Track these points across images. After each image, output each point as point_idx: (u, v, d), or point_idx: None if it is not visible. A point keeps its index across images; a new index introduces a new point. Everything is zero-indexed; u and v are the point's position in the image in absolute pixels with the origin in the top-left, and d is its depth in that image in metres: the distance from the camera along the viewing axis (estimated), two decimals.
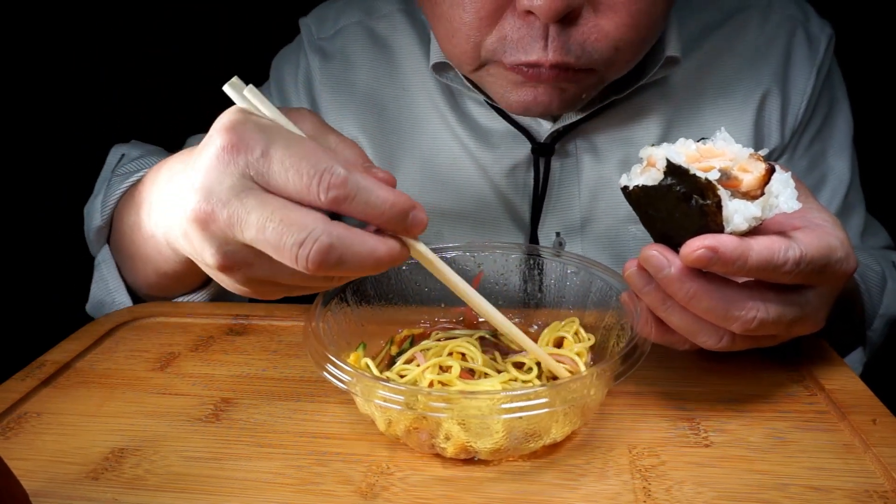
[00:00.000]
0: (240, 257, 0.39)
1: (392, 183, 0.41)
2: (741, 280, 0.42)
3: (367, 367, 0.50)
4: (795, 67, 0.74)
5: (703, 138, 0.42)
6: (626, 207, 0.70)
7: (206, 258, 0.40)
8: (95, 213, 0.69)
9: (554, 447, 0.45)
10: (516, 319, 0.59)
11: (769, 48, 0.73)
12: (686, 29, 0.72)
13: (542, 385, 0.41)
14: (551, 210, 0.73)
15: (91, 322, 0.65)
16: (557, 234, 0.74)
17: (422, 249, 0.42)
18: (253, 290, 0.43)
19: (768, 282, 0.42)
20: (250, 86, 0.40)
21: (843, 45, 0.78)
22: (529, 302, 0.59)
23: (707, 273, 0.41)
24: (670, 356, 0.55)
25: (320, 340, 0.46)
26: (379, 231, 0.40)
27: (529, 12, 0.54)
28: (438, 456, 0.44)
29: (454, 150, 0.74)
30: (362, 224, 0.40)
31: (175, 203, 0.42)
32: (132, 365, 0.58)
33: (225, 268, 0.40)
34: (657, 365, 0.54)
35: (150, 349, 0.60)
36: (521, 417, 0.41)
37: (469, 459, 0.44)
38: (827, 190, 0.77)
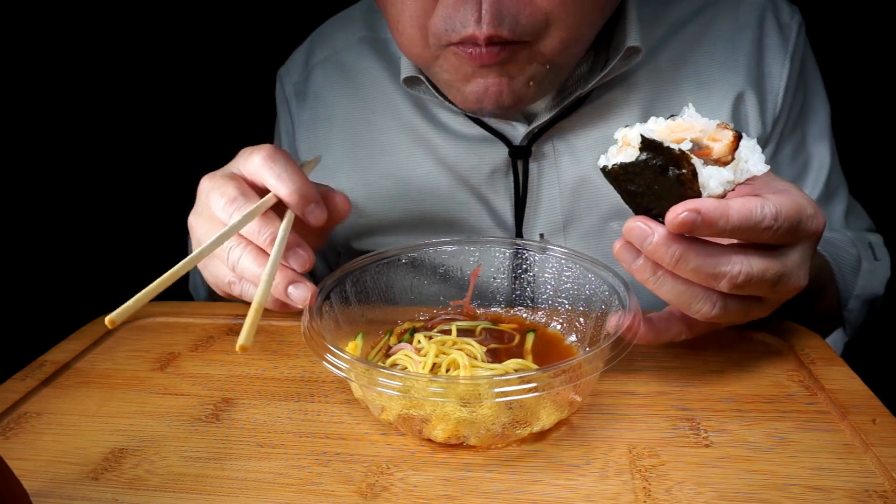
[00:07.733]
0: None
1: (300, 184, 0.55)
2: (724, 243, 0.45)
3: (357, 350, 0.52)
4: (768, 59, 0.74)
5: (672, 115, 0.45)
6: (607, 204, 0.72)
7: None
8: (199, 288, 0.87)
9: (554, 447, 0.45)
10: (511, 313, 0.59)
11: (740, 40, 0.74)
12: (657, 24, 0.73)
13: (535, 370, 0.42)
14: (534, 212, 0.74)
15: (91, 322, 0.65)
16: (541, 235, 0.74)
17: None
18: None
19: (749, 242, 0.45)
20: None
21: (814, 28, 0.78)
22: (525, 297, 0.60)
23: (690, 237, 0.43)
24: (670, 356, 0.55)
25: (319, 330, 0.47)
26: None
27: None
28: (437, 455, 0.44)
29: (429, 165, 0.75)
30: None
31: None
32: (132, 365, 0.58)
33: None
34: (657, 365, 0.54)
35: (150, 349, 0.60)
36: (508, 403, 0.42)
37: (460, 446, 0.44)
38: (810, 176, 0.78)
